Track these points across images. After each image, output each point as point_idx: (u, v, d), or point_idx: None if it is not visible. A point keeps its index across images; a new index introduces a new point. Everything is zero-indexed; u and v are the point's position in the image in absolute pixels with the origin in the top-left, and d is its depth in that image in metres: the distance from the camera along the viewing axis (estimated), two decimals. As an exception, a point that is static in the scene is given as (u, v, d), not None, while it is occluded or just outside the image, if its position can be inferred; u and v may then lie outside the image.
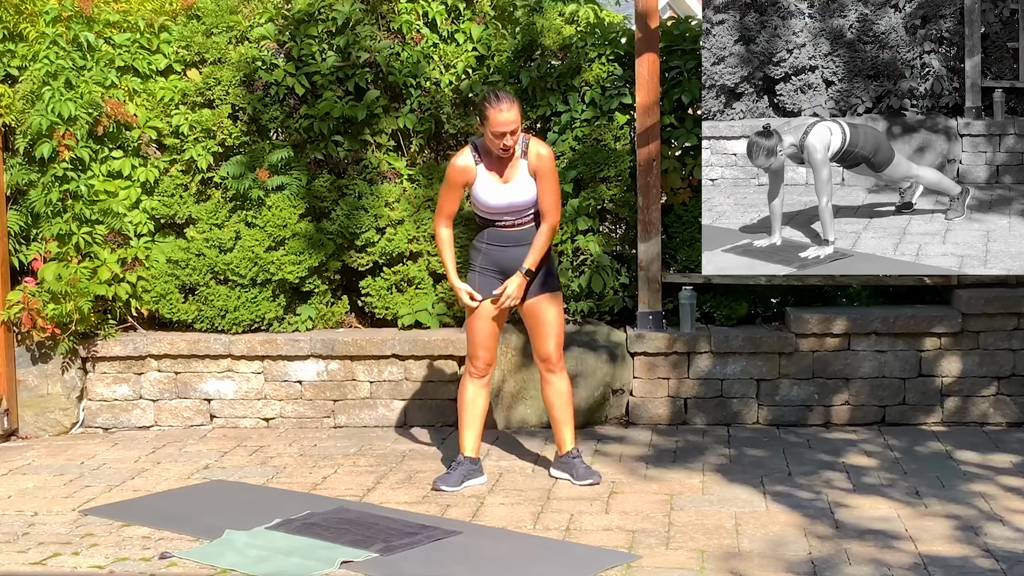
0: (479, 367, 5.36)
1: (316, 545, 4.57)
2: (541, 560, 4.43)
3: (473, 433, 5.40)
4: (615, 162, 6.71)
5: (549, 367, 5.38)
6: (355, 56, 6.81)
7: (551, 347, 5.35)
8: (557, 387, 5.40)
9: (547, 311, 5.33)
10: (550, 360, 5.37)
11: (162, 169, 6.90)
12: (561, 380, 5.41)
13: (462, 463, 5.39)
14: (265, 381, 6.73)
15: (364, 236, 6.79)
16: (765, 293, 6.94)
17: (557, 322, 5.36)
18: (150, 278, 6.78)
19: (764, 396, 6.51)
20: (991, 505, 4.96)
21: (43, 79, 6.58)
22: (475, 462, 5.41)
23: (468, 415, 5.38)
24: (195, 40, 6.95)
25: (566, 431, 5.44)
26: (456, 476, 5.34)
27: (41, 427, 6.67)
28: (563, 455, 5.47)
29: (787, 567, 4.27)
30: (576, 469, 5.41)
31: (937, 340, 6.45)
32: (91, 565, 4.45)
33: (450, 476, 5.35)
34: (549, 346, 5.35)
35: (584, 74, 6.80)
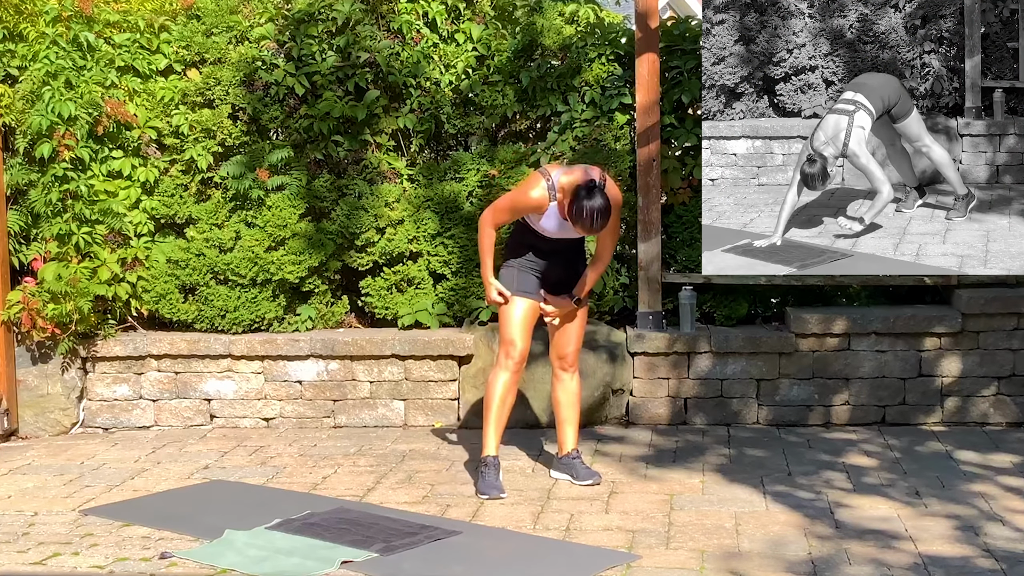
0: (514, 356, 5.23)
1: (316, 545, 4.56)
2: (541, 560, 4.43)
3: (499, 432, 5.33)
4: (615, 162, 6.71)
5: (564, 366, 5.41)
6: (355, 56, 6.81)
7: (571, 348, 5.39)
8: (568, 386, 5.41)
9: (582, 324, 5.41)
10: (567, 359, 5.39)
11: (162, 169, 6.90)
12: (573, 380, 5.43)
13: (491, 464, 5.29)
14: (265, 381, 6.73)
15: (364, 236, 6.79)
16: (765, 293, 6.94)
17: (582, 325, 5.41)
18: (150, 278, 6.78)
19: (764, 396, 6.51)
20: (991, 505, 4.96)
21: (43, 79, 6.58)
22: (497, 461, 5.34)
23: (500, 413, 5.30)
24: (195, 40, 6.95)
25: (569, 431, 5.44)
26: (494, 478, 5.25)
27: (41, 427, 6.67)
28: (563, 456, 5.46)
29: (787, 567, 4.27)
30: (576, 470, 5.41)
31: (937, 340, 6.45)
32: (91, 565, 4.45)
33: (489, 481, 5.23)
34: (570, 347, 5.38)
35: (584, 74, 6.81)
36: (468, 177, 6.85)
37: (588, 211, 4.88)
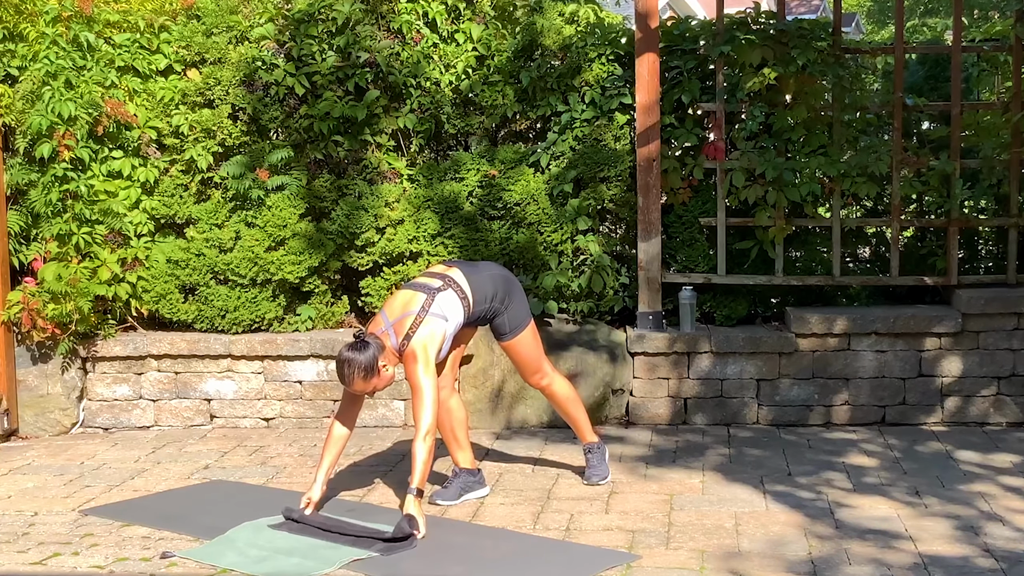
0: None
1: (317, 545, 4.57)
2: (541, 560, 4.43)
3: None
4: (615, 162, 6.71)
5: (537, 386, 5.32)
6: (355, 56, 6.81)
7: (534, 378, 5.26)
8: (554, 393, 5.33)
9: (519, 350, 5.17)
10: (537, 384, 5.31)
11: (162, 169, 6.90)
12: (556, 386, 5.30)
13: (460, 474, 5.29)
14: (265, 381, 6.73)
15: (364, 236, 6.79)
16: (765, 293, 6.95)
17: (531, 353, 5.19)
18: (150, 278, 6.78)
19: (764, 396, 6.51)
20: (991, 505, 4.96)
21: (43, 79, 6.58)
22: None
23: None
24: (195, 40, 6.95)
25: (578, 428, 5.42)
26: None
27: (41, 427, 6.67)
28: (584, 446, 5.48)
29: (787, 567, 4.27)
30: (586, 465, 5.43)
31: (937, 340, 6.44)
32: (91, 565, 4.45)
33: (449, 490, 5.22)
34: (532, 378, 5.26)
35: (584, 74, 6.81)
36: (468, 177, 6.85)
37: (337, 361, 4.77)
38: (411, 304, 4.83)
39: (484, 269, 5.13)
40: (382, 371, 4.74)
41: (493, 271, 5.14)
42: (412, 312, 4.80)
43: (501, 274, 5.14)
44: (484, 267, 5.16)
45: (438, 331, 4.80)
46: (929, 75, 7.32)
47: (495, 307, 5.04)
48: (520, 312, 5.12)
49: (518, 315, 5.11)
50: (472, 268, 5.09)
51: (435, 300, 4.84)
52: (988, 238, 7.12)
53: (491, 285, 5.03)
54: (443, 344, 4.85)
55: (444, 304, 4.85)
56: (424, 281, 4.96)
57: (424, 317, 4.78)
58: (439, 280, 4.93)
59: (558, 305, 6.77)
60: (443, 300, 4.86)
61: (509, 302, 5.07)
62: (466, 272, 5.02)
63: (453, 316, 4.88)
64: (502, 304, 5.05)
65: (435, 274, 5.00)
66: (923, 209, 7.04)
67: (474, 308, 4.97)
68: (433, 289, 4.88)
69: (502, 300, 5.04)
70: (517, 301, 5.11)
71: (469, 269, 5.06)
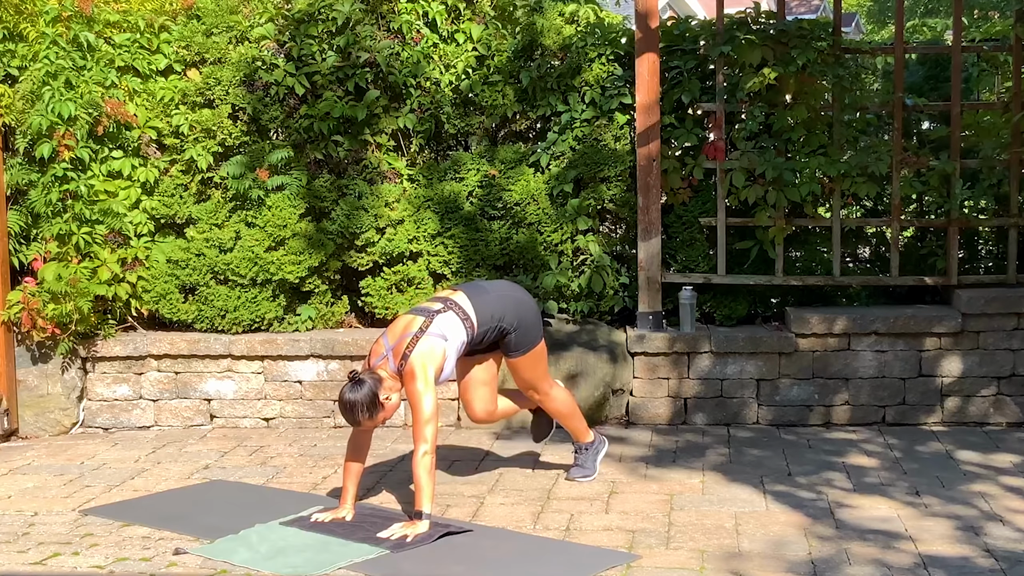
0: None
1: (329, 542, 4.58)
2: (541, 560, 4.43)
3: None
4: (615, 162, 6.71)
5: (531, 399, 5.37)
6: (355, 56, 6.81)
7: (528, 393, 5.31)
8: (548, 409, 5.37)
9: (521, 370, 5.20)
10: (531, 398, 5.36)
11: (162, 169, 6.90)
12: (548, 403, 5.32)
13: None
14: (265, 381, 6.73)
15: (364, 236, 6.79)
16: (765, 293, 6.95)
17: (532, 373, 5.21)
18: (150, 278, 6.78)
19: (764, 396, 6.51)
20: (991, 505, 4.96)
21: (43, 79, 6.58)
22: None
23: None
24: (195, 40, 6.95)
25: (574, 435, 5.49)
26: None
27: (41, 427, 6.67)
28: (575, 444, 5.54)
29: (787, 567, 4.27)
30: (574, 462, 5.50)
31: (937, 340, 6.44)
32: (91, 565, 4.45)
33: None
34: (526, 392, 5.32)
35: (584, 74, 6.80)
36: (468, 177, 6.85)
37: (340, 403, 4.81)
38: (410, 326, 4.89)
39: (494, 290, 5.15)
40: (385, 403, 4.79)
41: (504, 291, 5.16)
42: (411, 333, 4.85)
43: (513, 295, 5.16)
44: (495, 287, 5.19)
45: (437, 348, 4.83)
46: (929, 75, 7.32)
47: (503, 327, 5.07)
48: (529, 335, 5.13)
49: (527, 337, 5.12)
50: (478, 290, 5.11)
51: (434, 321, 4.88)
52: (988, 238, 7.12)
53: (499, 305, 5.06)
54: (444, 363, 4.87)
55: (443, 325, 4.89)
56: (425, 305, 5.02)
57: (422, 336, 4.82)
58: (440, 303, 4.98)
59: (558, 305, 6.77)
60: (442, 321, 4.89)
61: (519, 324, 5.10)
62: (471, 294, 5.05)
63: (454, 336, 4.91)
64: (511, 324, 5.08)
65: (438, 298, 5.06)
66: (923, 209, 7.05)
67: (478, 328, 4.99)
68: (433, 311, 4.93)
69: (511, 321, 5.07)
70: (529, 324, 5.13)
71: (475, 291, 5.09)
